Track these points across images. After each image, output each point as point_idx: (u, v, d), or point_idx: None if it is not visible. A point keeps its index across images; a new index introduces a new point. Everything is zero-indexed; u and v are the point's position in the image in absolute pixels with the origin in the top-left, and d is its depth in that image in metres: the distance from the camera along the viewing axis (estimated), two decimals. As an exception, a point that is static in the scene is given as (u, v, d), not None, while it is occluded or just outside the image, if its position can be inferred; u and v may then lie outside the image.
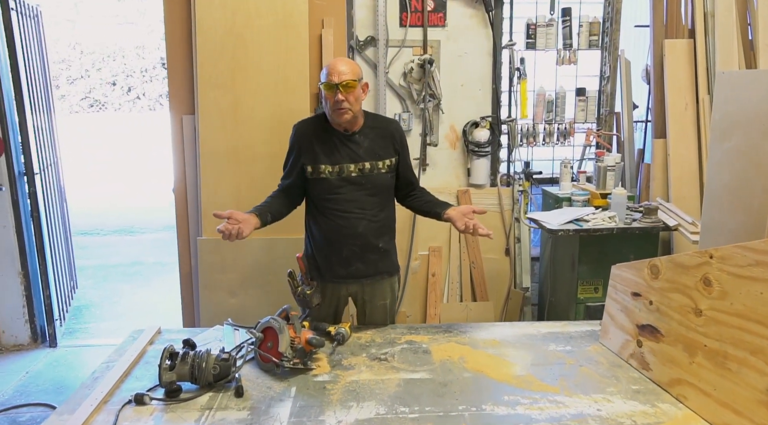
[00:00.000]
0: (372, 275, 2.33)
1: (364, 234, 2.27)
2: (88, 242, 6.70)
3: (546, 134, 3.57)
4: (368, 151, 2.24)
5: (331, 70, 2.15)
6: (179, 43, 3.25)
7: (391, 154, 2.27)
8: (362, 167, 2.23)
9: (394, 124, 2.36)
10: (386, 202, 2.32)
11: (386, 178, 2.27)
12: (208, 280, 3.30)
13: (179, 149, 3.34)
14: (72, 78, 10.71)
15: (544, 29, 3.43)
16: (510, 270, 3.53)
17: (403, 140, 2.33)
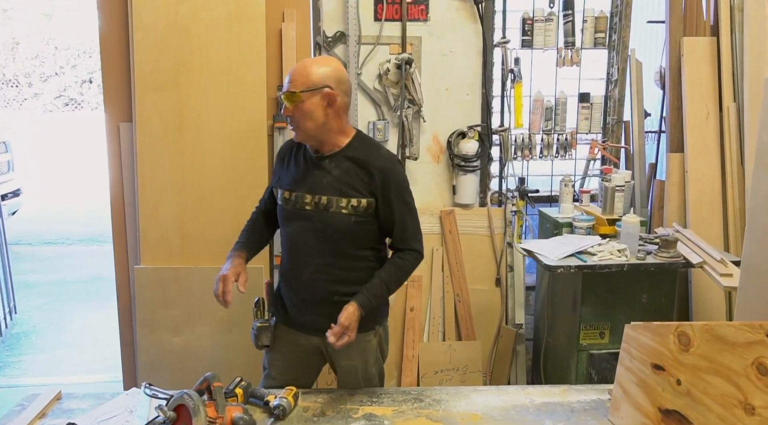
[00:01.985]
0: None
1: (310, 283, 1.89)
2: (50, 254, 6.22)
3: (544, 145, 3.09)
4: (332, 183, 1.81)
5: (289, 73, 1.80)
6: (115, 38, 2.77)
7: (361, 194, 1.79)
8: (317, 201, 1.82)
9: (385, 161, 1.81)
10: (345, 252, 1.84)
11: (345, 222, 1.80)
12: (148, 316, 2.83)
13: (115, 161, 2.86)
14: (46, 75, 10.23)
15: (542, 25, 2.95)
16: (501, 304, 3.05)
17: (390, 185, 1.80)
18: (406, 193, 1.86)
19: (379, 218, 1.83)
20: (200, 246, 2.80)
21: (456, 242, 3.01)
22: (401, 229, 1.85)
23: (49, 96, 10.50)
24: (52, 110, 10.52)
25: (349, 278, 1.86)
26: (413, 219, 1.88)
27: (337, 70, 1.79)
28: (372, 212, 1.81)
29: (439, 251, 3.03)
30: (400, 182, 1.84)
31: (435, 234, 3.04)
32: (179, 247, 2.80)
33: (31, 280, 5.25)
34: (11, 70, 10.25)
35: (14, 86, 10.34)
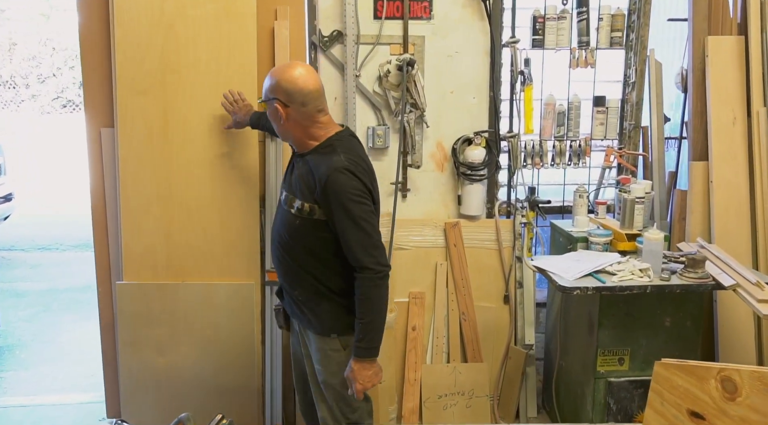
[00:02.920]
0: (299, 318, 1.99)
1: (277, 269, 2.02)
2: (42, 260, 6.03)
3: (556, 153, 2.89)
4: (292, 182, 1.91)
5: None
6: (96, 36, 2.59)
7: (306, 198, 1.82)
8: (282, 195, 1.96)
9: (326, 168, 1.77)
10: (296, 250, 1.89)
11: (293, 222, 1.87)
12: (131, 334, 2.64)
13: (97, 169, 2.67)
14: (43, 76, 10.06)
15: (554, 23, 2.75)
16: (510, 323, 2.85)
17: (328, 194, 1.75)
18: (350, 203, 1.74)
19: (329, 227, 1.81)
20: (187, 261, 2.61)
21: (461, 256, 2.81)
22: (346, 243, 1.78)
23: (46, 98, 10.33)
24: (49, 112, 10.35)
25: (299, 279, 1.90)
26: (358, 232, 1.75)
27: (288, 81, 1.80)
28: (318, 218, 1.80)
29: (443, 265, 2.82)
30: (340, 192, 1.74)
31: (439, 248, 2.84)
32: (165, 262, 2.61)
33: (21, 288, 5.07)
34: (8, 72, 10.09)
35: (11, 88, 10.19)
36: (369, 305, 1.77)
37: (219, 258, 2.62)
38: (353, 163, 1.79)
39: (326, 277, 1.87)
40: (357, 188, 1.76)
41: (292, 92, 1.79)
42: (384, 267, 1.77)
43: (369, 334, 1.78)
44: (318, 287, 1.88)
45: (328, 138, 1.85)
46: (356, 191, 1.75)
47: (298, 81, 1.79)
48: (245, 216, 2.60)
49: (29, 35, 10.01)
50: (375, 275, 1.75)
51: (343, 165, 1.76)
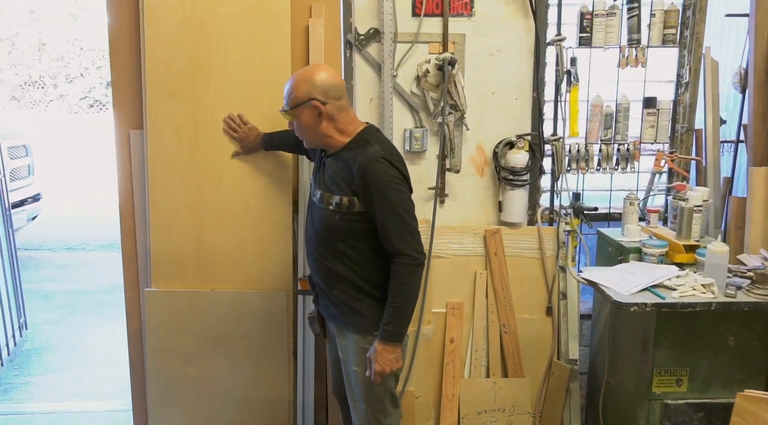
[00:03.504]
0: (336, 320, 1.98)
1: (313, 270, 2.02)
2: (69, 261, 6.04)
3: (602, 157, 2.73)
4: (326, 180, 1.91)
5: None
6: (126, 35, 2.51)
7: (344, 192, 1.84)
8: (317, 195, 1.94)
9: (364, 158, 1.81)
10: (335, 248, 1.89)
11: (331, 218, 1.86)
12: (159, 343, 2.56)
13: (125, 173, 2.59)
14: (71, 76, 10.13)
15: (603, 20, 2.60)
16: (552, 336, 2.70)
17: (367, 182, 1.79)
18: (388, 190, 1.78)
19: (370, 218, 1.82)
20: (217, 268, 2.52)
21: (502, 265, 2.68)
22: (384, 230, 1.80)
23: (74, 97, 10.40)
24: (77, 112, 10.42)
25: (338, 278, 1.90)
26: (396, 218, 1.79)
27: (322, 80, 1.84)
28: (357, 211, 1.82)
29: (483, 275, 2.69)
30: (378, 180, 1.78)
31: (478, 256, 2.70)
32: (194, 268, 2.52)
33: (48, 289, 5.06)
34: (37, 72, 10.18)
35: (40, 88, 10.28)
36: (402, 290, 1.80)
37: (250, 265, 2.52)
38: (388, 152, 1.85)
39: (366, 272, 1.89)
40: (394, 176, 1.81)
41: (329, 88, 1.84)
42: (420, 255, 1.81)
43: (398, 318, 1.81)
44: (357, 284, 1.89)
45: (359, 133, 1.89)
46: (394, 179, 1.80)
47: (330, 77, 1.86)
48: (277, 222, 2.50)
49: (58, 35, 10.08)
50: (411, 262, 1.79)
51: (380, 154, 1.81)
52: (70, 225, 7.28)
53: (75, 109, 10.43)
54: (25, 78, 10.26)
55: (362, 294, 1.89)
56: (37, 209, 5.82)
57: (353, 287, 1.89)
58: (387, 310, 1.81)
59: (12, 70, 10.22)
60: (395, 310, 1.80)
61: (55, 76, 10.27)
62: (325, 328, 2.12)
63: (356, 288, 1.89)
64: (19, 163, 5.48)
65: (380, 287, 1.87)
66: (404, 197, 1.82)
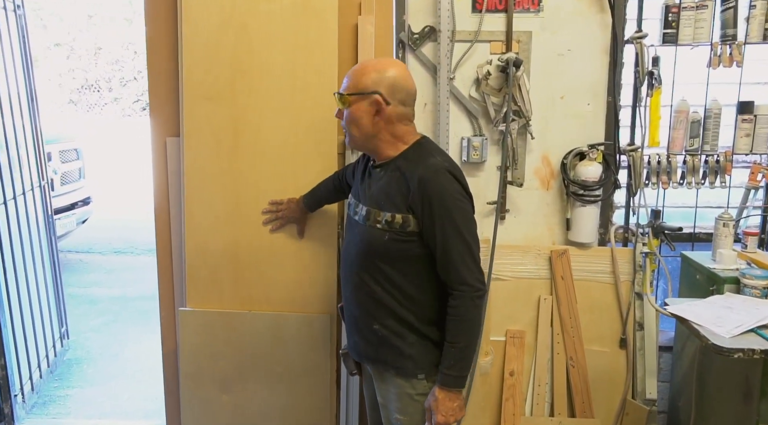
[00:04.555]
0: (374, 360, 1.72)
1: (351, 301, 1.74)
2: (117, 264, 6.03)
3: (687, 169, 2.41)
4: (374, 193, 1.66)
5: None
6: (163, 36, 2.35)
7: (397, 209, 1.58)
8: (361, 211, 1.69)
9: (425, 170, 1.56)
10: (380, 273, 1.63)
11: (379, 239, 1.61)
12: (193, 367, 2.38)
13: (161, 182, 2.43)
14: (125, 80, 10.30)
15: (692, 13, 2.28)
16: (627, 371, 2.40)
17: (429, 198, 1.54)
18: (453, 209, 1.54)
19: (427, 241, 1.57)
20: (257, 288, 2.32)
21: (570, 290, 2.39)
22: (444, 255, 1.55)
23: (127, 100, 10.58)
24: (129, 115, 10.59)
25: (381, 310, 1.65)
26: (460, 243, 1.54)
27: (395, 77, 1.60)
28: (412, 230, 1.57)
29: (548, 300, 2.41)
30: (444, 196, 1.54)
31: (542, 279, 2.42)
32: (231, 288, 2.34)
33: (95, 295, 5.03)
34: (93, 76, 10.41)
35: (96, 91, 10.50)
36: (465, 327, 1.56)
37: (290, 285, 2.31)
38: (451, 164, 1.62)
39: (415, 305, 1.63)
40: (459, 192, 1.58)
41: (397, 90, 1.61)
42: (483, 285, 1.58)
43: (462, 361, 1.58)
44: (403, 317, 1.64)
45: (415, 142, 1.66)
46: (459, 196, 1.57)
47: (404, 79, 1.63)
48: (321, 240, 2.29)
49: (113, 39, 10.27)
50: (474, 294, 1.56)
51: (443, 166, 1.58)
52: (119, 228, 7.32)
53: (128, 112, 10.61)
54: (81, 82, 10.51)
55: (408, 330, 1.64)
56: (86, 213, 5.82)
57: (398, 320, 1.64)
58: (447, 351, 1.57)
59: (70, 74, 10.49)
60: (457, 351, 1.56)
61: (109, 79, 10.47)
62: (361, 366, 1.88)
63: (401, 322, 1.64)
64: (70, 166, 5.49)
65: (430, 322, 1.63)
66: (469, 217, 1.58)
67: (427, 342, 1.63)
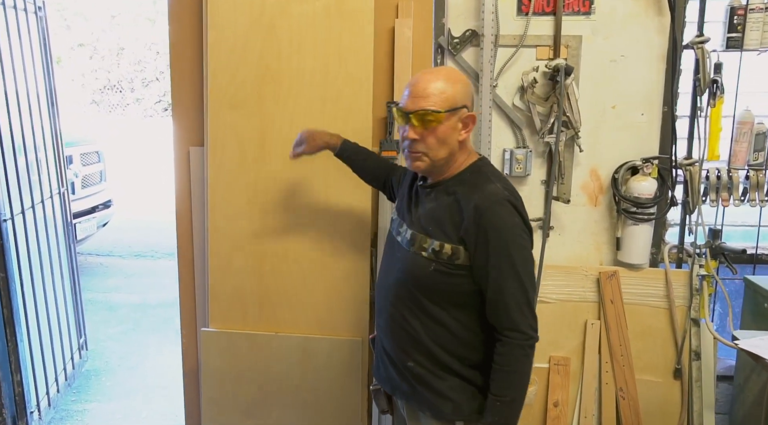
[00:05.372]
0: (408, 397, 1.54)
1: (385, 333, 1.56)
2: (137, 269, 5.95)
3: (750, 185, 2.22)
4: (422, 217, 1.48)
5: (410, 87, 1.42)
6: (188, 43, 2.23)
7: (447, 238, 1.41)
8: (405, 235, 1.50)
9: (483, 198, 1.39)
10: (420, 306, 1.45)
11: (423, 268, 1.43)
12: (216, 391, 2.25)
13: (183, 195, 2.30)
14: (147, 80, 10.28)
15: (760, 16, 2.09)
16: (682, 404, 2.21)
17: (484, 230, 1.36)
18: (512, 246, 1.37)
19: (477, 278, 1.40)
20: (283, 309, 2.19)
21: (620, 314, 2.21)
22: (496, 295, 1.38)
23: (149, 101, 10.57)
24: (152, 115, 10.57)
25: (419, 346, 1.47)
26: (517, 284, 1.38)
27: (470, 86, 1.47)
28: (461, 264, 1.40)
29: (595, 325, 2.23)
30: (503, 230, 1.37)
31: (589, 302, 2.25)
32: (256, 308, 2.20)
33: (115, 301, 4.94)
34: (116, 76, 10.40)
35: (118, 91, 10.49)
36: (513, 380, 1.39)
37: (320, 308, 2.17)
38: (512, 193, 1.45)
39: (458, 344, 1.46)
40: (520, 226, 1.41)
41: (473, 101, 1.48)
42: (536, 334, 1.41)
43: (507, 416, 1.40)
44: (444, 358, 1.47)
45: (473, 164, 1.48)
46: (519, 230, 1.40)
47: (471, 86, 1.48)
48: (353, 259, 2.14)
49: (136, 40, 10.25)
50: (525, 342, 1.39)
51: (503, 195, 1.41)
52: (140, 231, 7.26)
53: (150, 112, 10.59)
54: (104, 82, 10.52)
55: (447, 372, 1.47)
56: (107, 216, 5.76)
57: (435, 361, 1.47)
58: (492, 405, 1.39)
59: (92, 74, 10.50)
60: (504, 405, 1.38)
61: (132, 80, 10.46)
62: (393, 404, 1.70)
63: (439, 363, 1.47)
64: (91, 169, 5.42)
65: (474, 365, 1.47)
66: (528, 256, 1.41)
67: (469, 387, 1.47)
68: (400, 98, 1.44)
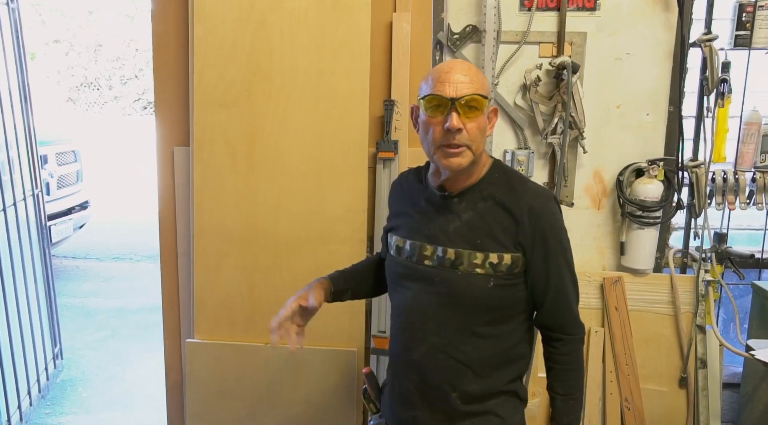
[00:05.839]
0: None
1: (420, 366, 1.33)
2: (116, 272, 5.77)
3: (757, 188, 2.16)
4: (462, 230, 1.29)
5: (442, 75, 1.23)
6: (173, 39, 2.10)
7: (504, 246, 1.27)
8: (441, 255, 1.29)
9: (535, 198, 1.28)
10: (475, 329, 1.29)
11: (482, 287, 1.27)
12: (201, 405, 2.12)
13: (167, 197, 2.17)
14: (125, 78, 10.04)
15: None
16: (688, 413, 2.14)
17: (545, 233, 1.27)
18: (567, 246, 1.31)
19: (527, 281, 1.30)
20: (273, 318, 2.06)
21: (624, 323, 2.13)
22: (557, 299, 1.30)
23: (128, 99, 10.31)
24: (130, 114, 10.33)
25: (475, 369, 1.30)
26: (572, 284, 1.33)
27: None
28: (518, 272, 1.28)
29: (599, 333, 2.15)
30: (559, 230, 1.30)
31: (592, 309, 2.17)
32: (245, 318, 2.08)
33: (92, 306, 4.76)
34: (93, 73, 10.13)
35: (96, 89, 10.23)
36: (581, 375, 1.37)
37: (313, 317, 2.05)
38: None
39: (511, 361, 1.34)
40: (564, 223, 1.34)
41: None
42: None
43: (578, 411, 1.36)
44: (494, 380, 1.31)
45: (496, 162, 1.35)
46: (565, 228, 1.33)
47: None
48: (347, 264, 2.02)
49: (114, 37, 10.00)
50: (584, 334, 1.37)
51: (550, 194, 1.33)
52: (118, 232, 7.06)
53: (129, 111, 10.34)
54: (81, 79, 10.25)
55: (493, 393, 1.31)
56: (84, 218, 5.56)
57: (486, 385, 1.31)
58: (564, 405, 1.34)
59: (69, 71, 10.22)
60: (576, 403, 1.35)
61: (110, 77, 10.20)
62: None
63: (489, 386, 1.31)
64: (67, 169, 5.23)
65: (519, 377, 1.37)
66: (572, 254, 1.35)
67: (513, 400, 1.36)
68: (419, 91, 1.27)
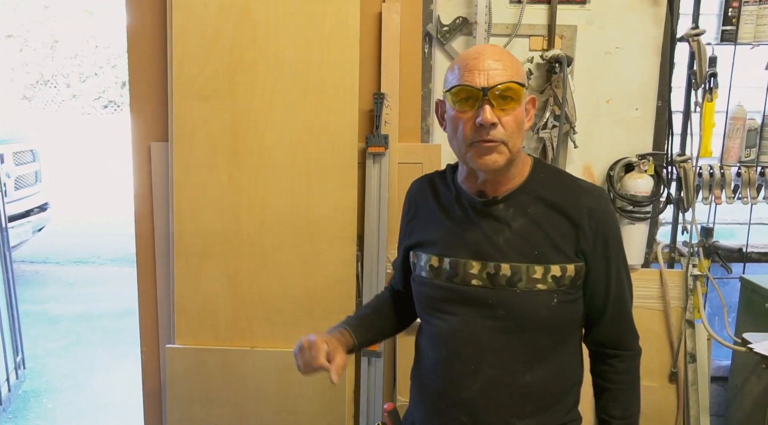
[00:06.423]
0: None
1: (474, 405, 1.14)
2: (78, 276, 5.55)
3: (743, 183, 2.17)
4: (515, 241, 1.13)
5: (471, 62, 1.07)
6: (149, 28, 1.99)
7: (566, 257, 1.12)
8: (493, 272, 1.13)
9: (591, 198, 1.15)
10: (539, 354, 1.15)
11: (546, 305, 1.12)
12: (182, 413, 2.02)
13: (143, 195, 2.06)
14: (84, 76, 9.70)
15: (754, 8, 2.04)
16: (678, 409, 2.14)
17: (606, 237, 1.15)
18: (623, 249, 1.20)
19: (585, 293, 1.17)
20: (260, 321, 1.98)
21: (616, 318, 2.11)
22: (618, 310, 1.18)
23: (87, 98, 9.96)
24: (90, 113, 9.98)
25: (536, 397, 1.15)
26: (631, 294, 1.22)
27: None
28: (580, 284, 1.15)
29: (590, 330, 2.13)
30: (619, 233, 1.19)
31: (583, 306, 2.15)
32: (229, 321, 1.99)
33: (54, 312, 4.55)
34: (49, 70, 9.75)
35: (53, 87, 9.85)
36: (638, 395, 1.23)
37: (301, 319, 1.98)
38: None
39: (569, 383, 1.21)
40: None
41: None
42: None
43: None
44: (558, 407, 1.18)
45: (534, 160, 1.21)
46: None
47: None
48: (336, 264, 1.96)
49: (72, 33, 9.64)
50: (640, 353, 1.24)
51: (606, 192, 1.24)
52: (79, 235, 6.81)
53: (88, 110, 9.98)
54: (36, 77, 9.85)
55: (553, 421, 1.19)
56: (43, 220, 5.33)
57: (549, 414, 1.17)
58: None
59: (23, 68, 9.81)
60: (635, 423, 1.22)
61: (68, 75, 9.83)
62: None
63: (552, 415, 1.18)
64: (25, 170, 5.00)
65: (571, 407, 1.22)
66: None
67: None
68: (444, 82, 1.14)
